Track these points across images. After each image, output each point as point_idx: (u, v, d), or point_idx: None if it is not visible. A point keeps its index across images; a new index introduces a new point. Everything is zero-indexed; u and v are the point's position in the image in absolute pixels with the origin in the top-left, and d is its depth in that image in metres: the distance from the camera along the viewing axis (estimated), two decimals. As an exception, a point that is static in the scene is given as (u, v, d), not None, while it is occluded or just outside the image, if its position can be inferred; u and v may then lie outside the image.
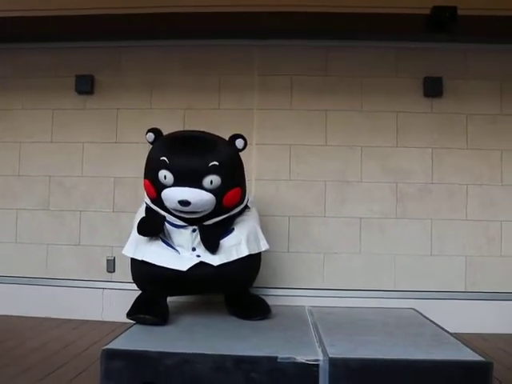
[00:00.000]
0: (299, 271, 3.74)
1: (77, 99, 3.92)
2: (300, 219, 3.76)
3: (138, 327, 2.78)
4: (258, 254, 3.11)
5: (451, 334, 2.84)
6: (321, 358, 2.31)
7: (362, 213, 3.77)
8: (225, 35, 3.81)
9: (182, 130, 3.30)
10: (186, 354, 2.31)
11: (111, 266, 3.81)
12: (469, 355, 2.44)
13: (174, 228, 3.02)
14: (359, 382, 2.29)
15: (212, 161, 2.86)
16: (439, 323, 3.06)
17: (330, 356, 2.31)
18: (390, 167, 3.78)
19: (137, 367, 2.31)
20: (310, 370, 2.28)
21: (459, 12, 3.45)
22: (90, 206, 3.87)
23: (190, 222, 2.97)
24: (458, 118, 3.81)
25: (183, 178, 2.85)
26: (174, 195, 2.85)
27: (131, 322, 2.86)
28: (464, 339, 2.73)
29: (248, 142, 3.06)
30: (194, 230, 2.98)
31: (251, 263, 3.08)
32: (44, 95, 3.94)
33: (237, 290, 3.16)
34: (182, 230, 3.00)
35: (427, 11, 3.52)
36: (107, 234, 3.84)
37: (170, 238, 3.02)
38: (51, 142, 3.91)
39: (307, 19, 3.60)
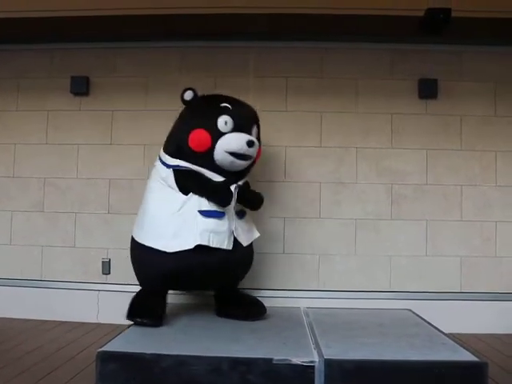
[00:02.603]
0: (295, 272, 3.74)
1: (72, 100, 3.91)
2: (295, 220, 3.76)
3: (133, 329, 2.77)
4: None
5: (446, 334, 2.84)
6: (316, 359, 2.31)
7: (357, 214, 3.77)
8: (221, 37, 3.81)
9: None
10: (181, 355, 2.31)
11: (106, 268, 3.80)
12: (464, 356, 2.45)
13: None
14: (354, 383, 2.29)
15: (256, 113, 3.16)
16: (435, 324, 3.07)
17: (326, 357, 2.31)
18: (385, 168, 3.79)
19: (132, 369, 2.31)
20: (306, 371, 2.28)
21: (453, 14, 3.46)
22: (85, 207, 3.86)
23: (231, 178, 2.98)
24: (452, 119, 3.82)
25: (241, 125, 3.00)
26: (240, 137, 2.93)
27: (126, 324, 2.85)
28: (459, 340, 2.74)
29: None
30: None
31: (252, 250, 3.21)
32: (39, 96, 3.93)
33: (236, 282, 3.22)
34: None
35: (421, 13, 3.53)
36: (102, 236, 3.83)
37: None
38: (46, 143, 3.90)
39: (303, 21, 3.60)
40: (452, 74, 3.84)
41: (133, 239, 3.12)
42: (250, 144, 2.92)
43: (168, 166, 3.01)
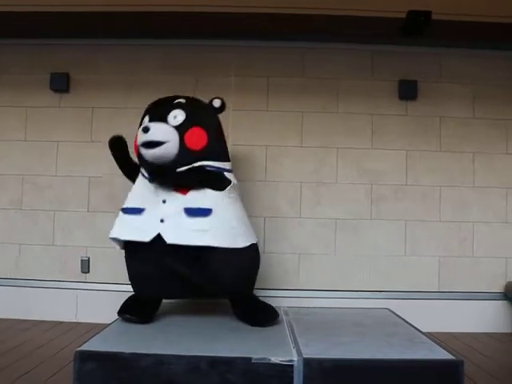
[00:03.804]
0: (274, 272, 3.75)
1: (52, 97, 3.87)
2: (276, 220, 3.78)
3: (111, 328, 2.75)
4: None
5: (424, 333, 2.87)
6: (295, 358, 2.31)
7: (338, 214, 3.80)
8: (202, 35, 3.81)
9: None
10: (160, 355, 2.29)
11: (86, 266, 3.77)
12: (441, 354, 2.47)
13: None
14: (333, 382, 2.30)
15: (179, 99, 3.04)
16: (413, 323, 3.10)
17: (305, 356, 2.32)
18: (365, 169, 3.82)
19: (110, 369, 2.29)
20: (285, 370, 2.28)
21: (434, 17, 3.50)
22: (64, 205, 3.82)
23: (157, 172, 2.92)
24: (431, 120, 3.87)
25: (153, 116, 2.99)
26: (141, 127, 2.92)
27: (105, 323, 2.83)
28: (437, 338, 2.77)
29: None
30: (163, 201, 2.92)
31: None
32: (18, 93, 3.88)
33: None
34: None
35: (402, 15, 3.56)
36: (81, 234, 3.80)
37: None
38: (25, 140, 3.85)
39: (284, 21, 3.60)
40: (432, 76, 3.89)
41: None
42: (144, 130, 2.86)
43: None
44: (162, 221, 2.85)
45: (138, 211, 2.92)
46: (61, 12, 3.58)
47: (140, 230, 2.87)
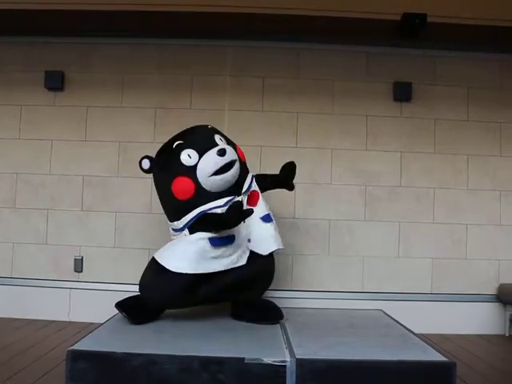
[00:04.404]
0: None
1: (46, 95, 3.85)
2: (270, 220, 3.76)
3: (104, 328, 2.74)
4: None
5: (417, 334, 2.88)
6: (288, 359, 2.31)
7: (331, 215, 3.80)
8: (198, 35, 3.80)
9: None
10: (152, 354, 2.28)
11: (79, 265, 3.76)
12: (433, 356, 2.48)
13: None
14: (326, 382, 2.30)
15: (209, 127, 3.03)
16: (406, 324, 3.10)
17: (297, 357, 2.31)
18: (360, 170, 3.83)
19: (102, 368, 2.28)
20: (278, 370, 2.28)
21: (429, 19, 3.52)
22: (58, 204, 3.81)
23: (234, 191, 2.91)
24: (426, 122, 3.88)
25: (203, 146, 2.86)
26: (209, 155, 2.82)
27: (98, 322, 2.82)
28: (429, 340, 2.78)
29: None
30: None
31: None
32: (12, 91, 3.86)
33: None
34: None
35: (398, 17, 3.58)
36: (75, 234, 3.79)
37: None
38: (19, 138, 3.84)
39: (280, 21, 3.61)
40: (427, 78, 3.90)
41: None
42: (221, 153, 2.81)
43: (182, 229, 2.92)
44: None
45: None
46: (56, 10, 3.59)
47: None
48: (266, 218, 3.03)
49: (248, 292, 3.05)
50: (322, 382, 2.30)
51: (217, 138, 2.95)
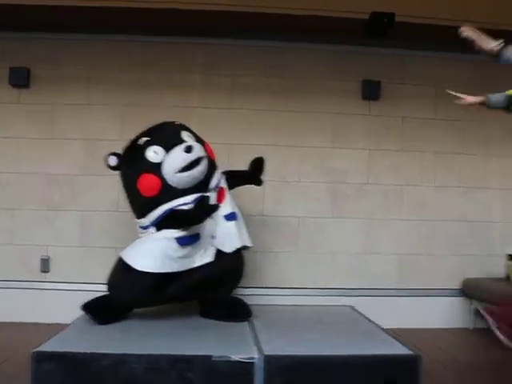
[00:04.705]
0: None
1: (11, 92, 3.77)
2: (239, 218, 3.75)
3: (71, 328, 2.71)
4: None
5: (384, 329, 2.92)
6: (256, 355, 2.32)
7: (300, 212, 3.82)
8: (167, 32, 3.77)
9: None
10: (119, 354, 2.27)
11: (46, 265, 3.69)
12: (399, 349, 2.53)
13: None
14: (294, 378, 2.32)
15: (176, 123, 3.02)
16: (374, 319, 3.15)
17: (265, 354, 2.33)
18: (328, 167, 3.86)
19: (69, 369, 2.25)
20: (246, 368, 2.29)
21: (397, 18, 3.56)
22: (24, 203, 3.73)
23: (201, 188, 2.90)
24: (394, 120, 3.94)
25: (169, 142, 2.84)
26: (176, 152, 2.81)
27: (65, 323, 2.79)
28: (396, 334, 2.82)
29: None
30: None
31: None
32: (-25, 88, 3.78)
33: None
34: None
35: (366, 16, 3.61)
36: (41, 233, 3.72)
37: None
38: (-18, 136, 3.75)
39: (249, 19, 3.61)
40: (395, 77, 3.95)
41: None
42: (187, 150, 2.81)
43: (149, 226, 2.90)
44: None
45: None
46: (22, 5, 3.51)
47: None
48: (230, 217, 3.02)
49: (216, 290, 3.05)
50: (290, 377, 2.32)
51: (184, 134, 2.94)
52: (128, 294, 2.81)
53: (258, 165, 3.18)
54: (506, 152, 3.99)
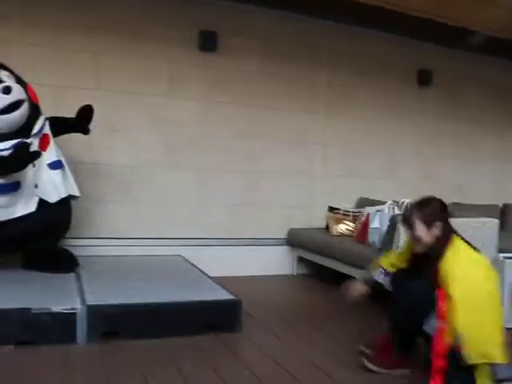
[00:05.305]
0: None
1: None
2: (69, 165, 3.49)
3: None
4: None
5: (211, 277, 3.04)
6: (78, 306, 2.29)
7: (133, 161, 3.73)
8: None
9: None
10: None
11: None
12: (223, 295, 2.69)
13: None
14: (118, 326, 2.33)
15: None
16: (204, 269, 3.25)
17: (88, 303, 2.31)
18: (161, 117, 3.80)
19: None
20: (67, 318, 2.25)
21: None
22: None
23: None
24: (228, 73, 3.97)
25: None
26: None
27: None
28: (222, 282, 2.93)
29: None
30: None
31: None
32: None
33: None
34: None
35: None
36: None
37: None
38: None
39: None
40: (231, 29, 3.96)
41: None
42: (5, 91, 2.62)
43: None
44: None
45: None
46: None
47: None
48: (54, 165, 2.89)
49: (40, 241, 2.91)
50: (115, 326, 2.33)
51: (2, 74, 2.71)
52: None
53: (85, 113, 3.04)
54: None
